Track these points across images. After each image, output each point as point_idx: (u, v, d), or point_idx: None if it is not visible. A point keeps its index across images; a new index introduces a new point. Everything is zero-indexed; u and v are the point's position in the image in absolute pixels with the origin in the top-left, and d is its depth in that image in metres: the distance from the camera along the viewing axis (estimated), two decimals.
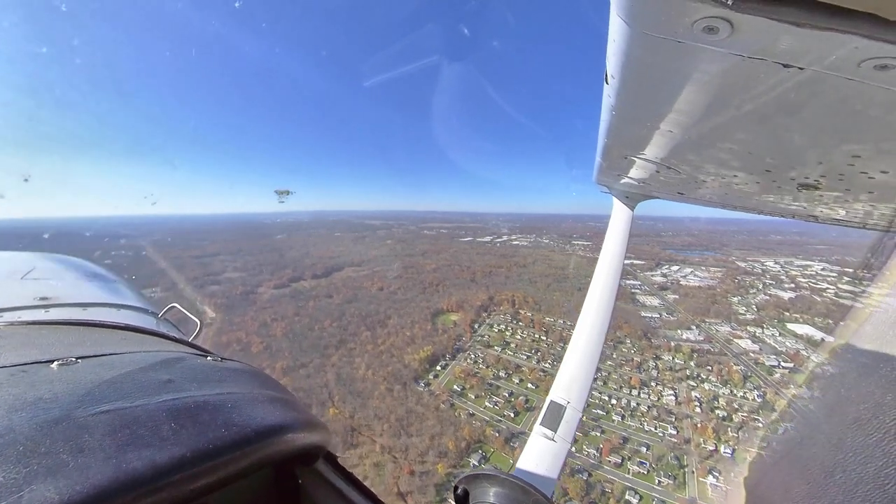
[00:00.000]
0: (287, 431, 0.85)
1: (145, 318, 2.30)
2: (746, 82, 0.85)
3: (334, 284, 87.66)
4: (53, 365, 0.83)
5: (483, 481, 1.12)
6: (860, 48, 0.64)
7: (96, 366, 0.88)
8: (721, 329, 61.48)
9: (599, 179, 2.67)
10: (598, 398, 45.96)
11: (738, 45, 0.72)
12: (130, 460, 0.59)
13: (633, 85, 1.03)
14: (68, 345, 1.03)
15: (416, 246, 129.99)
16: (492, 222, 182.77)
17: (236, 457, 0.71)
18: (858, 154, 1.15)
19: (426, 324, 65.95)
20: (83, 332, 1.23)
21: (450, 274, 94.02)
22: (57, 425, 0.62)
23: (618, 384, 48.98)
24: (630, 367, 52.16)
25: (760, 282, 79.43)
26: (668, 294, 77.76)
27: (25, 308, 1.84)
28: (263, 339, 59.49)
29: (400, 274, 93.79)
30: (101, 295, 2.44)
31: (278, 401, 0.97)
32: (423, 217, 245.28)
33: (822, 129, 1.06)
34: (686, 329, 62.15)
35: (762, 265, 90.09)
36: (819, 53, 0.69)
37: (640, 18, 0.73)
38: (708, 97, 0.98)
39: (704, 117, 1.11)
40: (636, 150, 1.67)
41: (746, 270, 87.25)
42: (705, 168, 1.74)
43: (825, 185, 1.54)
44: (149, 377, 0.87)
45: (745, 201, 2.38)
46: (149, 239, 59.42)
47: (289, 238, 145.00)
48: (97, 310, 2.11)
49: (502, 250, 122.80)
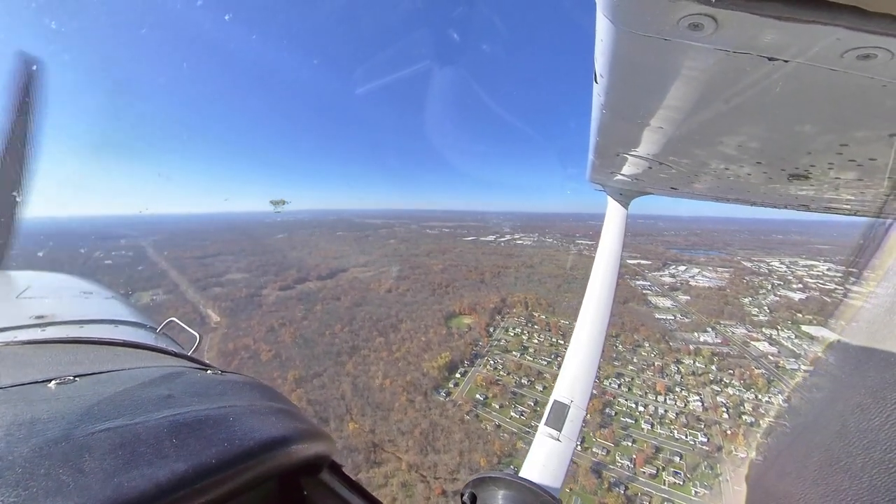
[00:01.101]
0: (290, 443, 0.84)
1: (143, 333, 2.28)
2: (733, 77, 0.88)
3: (341, 286, 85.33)
4: (51, 384, 0.82)
5: (490, 484, 1.12)
6: (842, 39, 0.66)
7: (95, 384, 0.87)
8: (737, 331, 61.39)
9: (593, 177, 2.74)
10: (625, 405, 45.21)
11: (723, 41, 0.73)
12: (132, 479, 0.58)
13: (621, 83, 1.06)
14: (66, 363, 1.02)
15: (421, 246, 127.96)
16: (493, 221, 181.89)
17: (240, 470, 0.70)
18: (846, 143, 1.19)
19: (440, 328, 64.39)
20: (81, 350, 1.21)
21: (458, 275, 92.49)
22: (56, 446, 0.61)
23: (643, 390, 48.27)
24: (653, 371, 51.53)
25: (769, 282, 79.88)
26: (679, 295, 77.63)
27: (21, 328, 1.81)
28: (272, 346, 57.11)
29: (407, 275, 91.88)
30: (97, 312, 2.38)
31: (280, 412, 0.97)
32: (424, 216, 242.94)
33: (809, 120, 1.09)
34: (702, 331, 61.88)
35: (768, 265, 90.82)
36: (802, 46, 0.71)
37: (625, 17, 0.75)
38: (696, 93, 1.00)
39: (693, 112, 1.14)
40: (628, 147, 1.71)
41: (753, 271, 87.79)
42: (696, 162, 1.79)
43: (815, 174, 1.57)
44: (148, 393, 0.85)
45: (738, 193, 2.41)
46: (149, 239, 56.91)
47: (290, 238, 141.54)
48: (94, 327, 2.08)
49: (507, 250, 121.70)
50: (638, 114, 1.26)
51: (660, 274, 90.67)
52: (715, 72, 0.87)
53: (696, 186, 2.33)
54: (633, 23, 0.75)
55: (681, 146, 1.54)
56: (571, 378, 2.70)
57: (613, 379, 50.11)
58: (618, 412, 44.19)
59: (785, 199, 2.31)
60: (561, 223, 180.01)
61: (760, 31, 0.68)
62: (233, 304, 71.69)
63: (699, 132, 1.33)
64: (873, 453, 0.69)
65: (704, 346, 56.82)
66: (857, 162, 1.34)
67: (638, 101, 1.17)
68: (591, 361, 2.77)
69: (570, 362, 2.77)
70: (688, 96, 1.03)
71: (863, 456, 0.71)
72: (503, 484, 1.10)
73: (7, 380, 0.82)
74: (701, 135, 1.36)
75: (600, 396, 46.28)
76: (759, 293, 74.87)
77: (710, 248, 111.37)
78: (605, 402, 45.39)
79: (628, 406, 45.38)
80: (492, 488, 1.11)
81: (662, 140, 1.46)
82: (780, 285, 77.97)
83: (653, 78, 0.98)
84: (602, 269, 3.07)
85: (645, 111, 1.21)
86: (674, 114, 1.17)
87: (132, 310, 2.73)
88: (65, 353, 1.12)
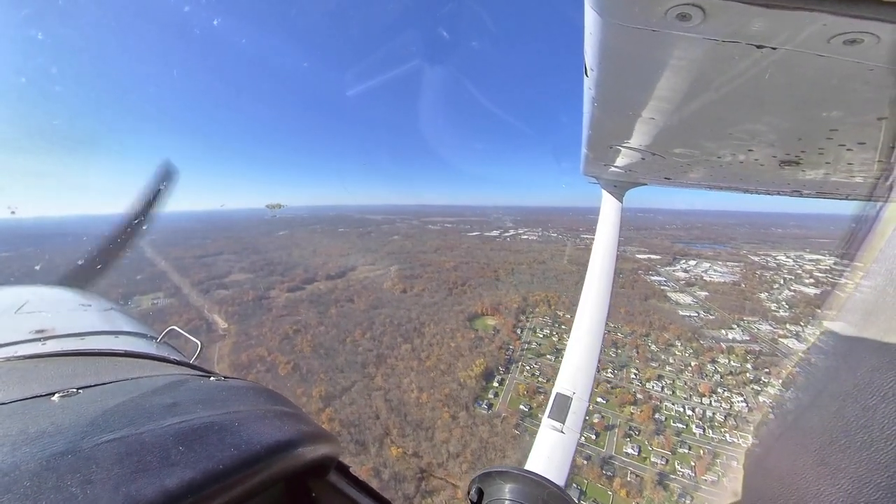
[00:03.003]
0: (296, 445, 0.84)
1: (144, 342, 2.29)
2: (722, 66, 0.88)
3: (352, 286, 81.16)
4: (55, 397, 0.82)
5: (497, 479, 1.11)
6: (828, 25, 0.67)
7: (98, 395, 0.87)
8: (762, 328, 61.59)
9: (587, 170, 2.78)
10: (672, 409, 44.15)
11: (712, 30, 0.74)
12: (141, 487, 0.58)
13: (612, 76, 1.07)
14: (68, 376, 1.02)
15: (426, 242, 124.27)
16: (493, 216, 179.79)
17: (247, 475, 0.70)
18: (835, 127, 1.21)
19: (466, 331, 61.76)
20: (82, 363, 1.21)
21: (471, 272, 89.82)
22: (63, 458, 0.61)
23: (687, 392, 47.37)
24: (692, 372, 50.75)
25: (780, 277, 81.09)
26: (697, 290, 77.74)
27: (21, 342, 1.82)
28: (289, 356, 52.71)
29: (419, 273, 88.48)
30: (97, 323, 2.40)
31: (285, 415, 0.97)
32: (424, 211, 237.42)
33: (799, 106, 1.10)
34: (728, 328, 61.79)
35: (775, 259, 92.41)
36: (789, 33, 0.72)
37: (613, 10, 0.75)
38: (686, 83, 1.01)
39: (684, 102, 1.14)
40: (620, 139, 1.72)
41: (762, 265, 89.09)
42: (689, 151, 1.80)
43: (806, 160, 1.59)
44: (152, 402, 0.85)
45: (730, 181, 2.42)
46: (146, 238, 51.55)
47: (292, 235, 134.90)
48: (95, 338, 2.10)
49: (515, 245, 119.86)
50: (629, 106, 1.26)
51: (672, 269, 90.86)
52: (704, 61, 0.87)
53: (690, 175, 2.35)
54: (621, 15, 0.75)
55: (673, 136, 1.54)
56: (573, 370, 2.79)
57: (655, 382, 49.01)
58: (667, 417, 43.07)
59: (778, 185, 2.33)
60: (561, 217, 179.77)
61: (748, 19, 0.69)
62: (240, 308, 66.64)
63: (690, 122, 1.33)
64: (871, 431, 0.71)
65: (735, 344, 56.57)
66: (846, 146, 1.35)
67: (629, 93, 1.17)
68: (591, 353, 2.84)
69: (571, 355, 2.89)
70: (678, 86, 1.03)
71: (861, 434, 0.73)
72: (509, 477, 1.09)
73: (9, 395, 0.81)
74: (692, 124, 1.37)
75: (647, 401, 45.06)
76: (773, 288, 75.75)
77: (715, 242, 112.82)
78: (654, 408, 44.13)
79: (677, 410, 44.31)
80: (498, 482, 1.10)
81: (654, 131, 1.46)
82: (792, 280, 79.20)
83: (643, 69, 0.97)
84: (599, 262, 3.21)
85: (636, 103, 1.21)
86: (665, 104, 1.17)
87: (132, 320, 2.74)
88: (66, 366, 1.11)
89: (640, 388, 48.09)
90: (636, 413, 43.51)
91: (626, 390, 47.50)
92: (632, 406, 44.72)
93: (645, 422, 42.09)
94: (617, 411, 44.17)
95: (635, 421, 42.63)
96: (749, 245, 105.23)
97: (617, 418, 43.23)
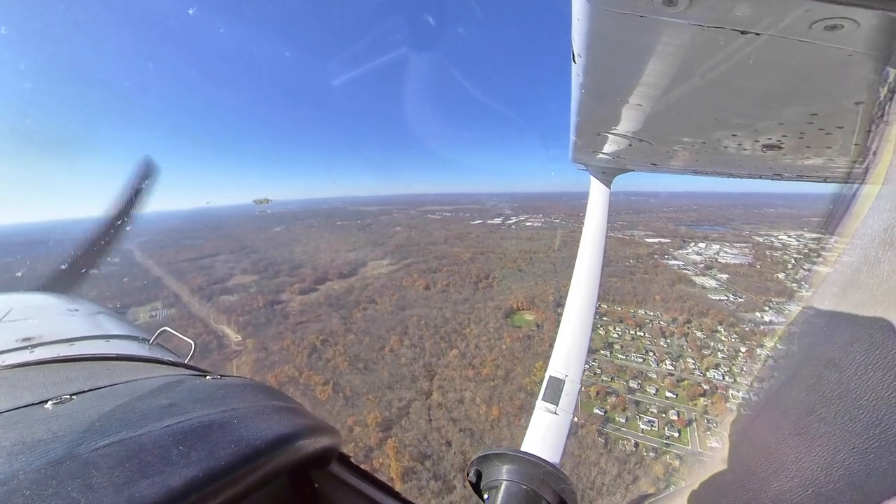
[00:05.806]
0: (296, 438, 0.85)
1: (136, 345, 2.25)
2: (708, 51, 0.90)
3: (369, 285, 74.94)
4: (48, 405, 0.81)
5: (494, 460, 1.17)
6: (811, 10, 0.69)
7: (93, 400, 0.86)
8: (793, 309, 62.61)
9: (575, 157, 2.80)
10: (740, 397, 43.25)
11: (697, 16, 0.75)
12: (143, 489, 0.58)
13: (599, 62, 1.08)
14: (60, 382, 1.01)
15: (432, 233, 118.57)
16: (489, 203, 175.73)
17: (249, 470, 0.71)
18: (816, 112, 1.24)
19: (511, 329, 58.21)
20: (74, 368, 1.21)
21: (490, 264, 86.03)
22: (61, 465, 0.60)
23: (747, 378, 46.74)
24: (744, 357, 50.37)
25: (790, 257, 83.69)
26: (717, 273, 78.60)
27: (8, 351, 1.76)
28: (324, 374, 45.85)
29: (437, 267, 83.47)
30: (86, 328, 2.33)
31: (285, 410, 0.99)
32: (418, 201, 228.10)
33: (781, 91, 1.13)
34: (761, 310, 62.45)
35: (777, 239, 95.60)
36: (773, 18, 0.74)
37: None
38: (672, 68, 1.02)
39: (670, 88, 1.16)
40: (608, 125, 1.74)
41: (769, 245, 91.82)
42: (675, 137, 1.84)
43: (787, 144, 1.62)
44: (149, 404, 0.85)
45: (715, 166, 2.50)
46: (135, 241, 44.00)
47: (288, 230, 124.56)
48: (85, 343, 2.04)
49: (522, 233, 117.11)
50: (617, 92, 1.27)
51: (685, 252, 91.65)
52: (690, 47, 0.89)
53: (676, 161, 2.39)
54: (608, 0, 0.75)
55: (659, 122, 1.56)
56: (565, 353, 2.84)
57: (714, 371, 48.10)
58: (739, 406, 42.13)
59: (760, 169, 2.37)
60: (559, 202, 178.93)
61: (732, 4, 0.70)
62: (252, 317, 59.08)
63: (676, 107, 1.34)
64: (845, 401, 0.75)
65: (775, 326, 57.06)
66: (826, 130, 1.39)
67: (616, 79, 1.18)
68: (582, 336, 2.90)
69: (563, 338, 2.92)
70: (664, 72, 1.04)
71: (835, 404, 0.77)
72: (506, 459, 1.15)
73: (1, 405, 0.80)
74: (678, 110, 1.38)
75: (713, 392, 43.95)
76: (787, 268, 77.88)
77: (715, 224, 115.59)
78: (723, 397, 43.03)
79: (743, 397, 43.48)
80: (496, 464, 1.15)
81: (641, 117, 1.49)
82: (802, 259, 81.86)
83: (630, 55, 0.98)
84: (589, 247, 3.17)
85: (623, 89, 1.22)
86: (652, 90, 1.18)
87: (121, 323, 2.68)
88: (58, 373, 1.10)
89: (703, 378, 46.99)
90: (709, 405, 42.21)
91: (691, 382, 46.17)
92: (702, 398, 43.43)
93: (722, 413, 40.86)
94: (690, 405, 42.69)
95: (710, 413, 41.32)
96: (749, 226, 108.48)
97: (692, 412, 41.74)
